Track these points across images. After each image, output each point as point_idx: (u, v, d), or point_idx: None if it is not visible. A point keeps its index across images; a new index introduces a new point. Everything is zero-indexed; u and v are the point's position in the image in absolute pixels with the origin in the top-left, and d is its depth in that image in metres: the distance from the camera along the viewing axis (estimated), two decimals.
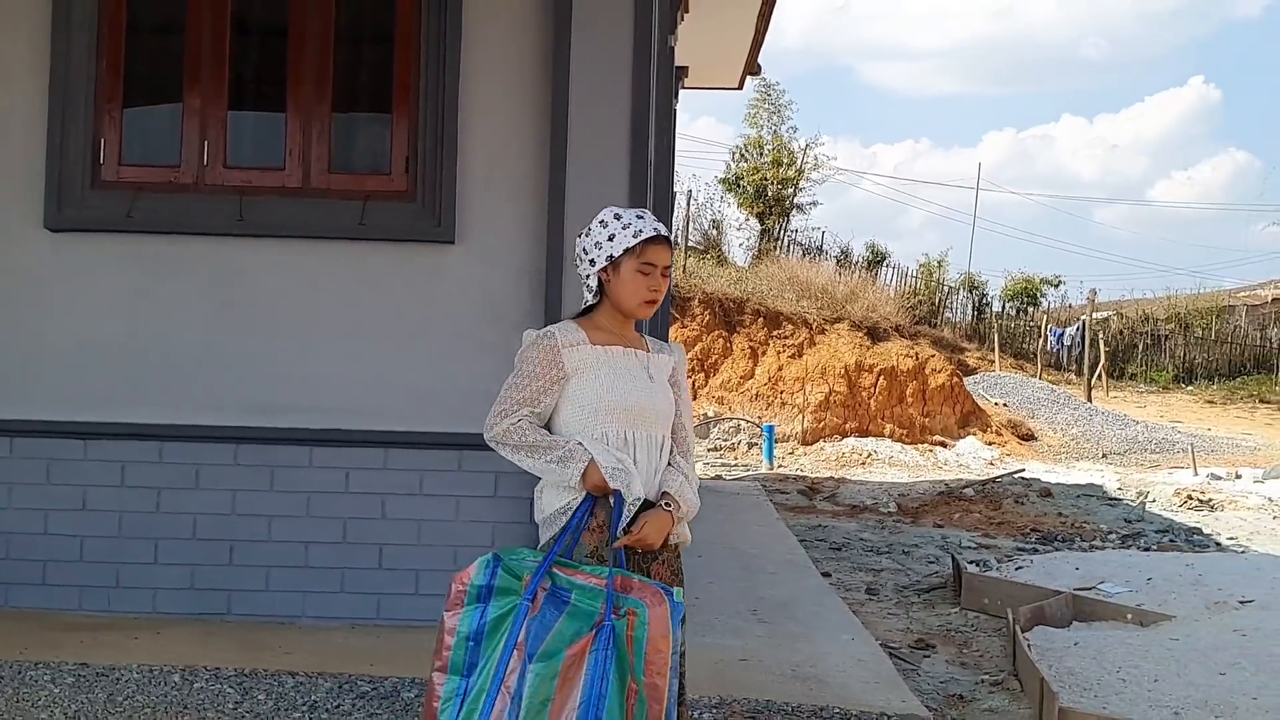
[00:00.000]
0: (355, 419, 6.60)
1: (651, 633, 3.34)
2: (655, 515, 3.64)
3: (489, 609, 3.49)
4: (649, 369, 3.80)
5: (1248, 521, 14.82)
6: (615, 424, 3.68)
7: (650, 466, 3.72)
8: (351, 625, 6.51)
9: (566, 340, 3.72)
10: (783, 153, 36.81)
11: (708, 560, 8.94)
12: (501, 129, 6.66)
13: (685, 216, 31.40)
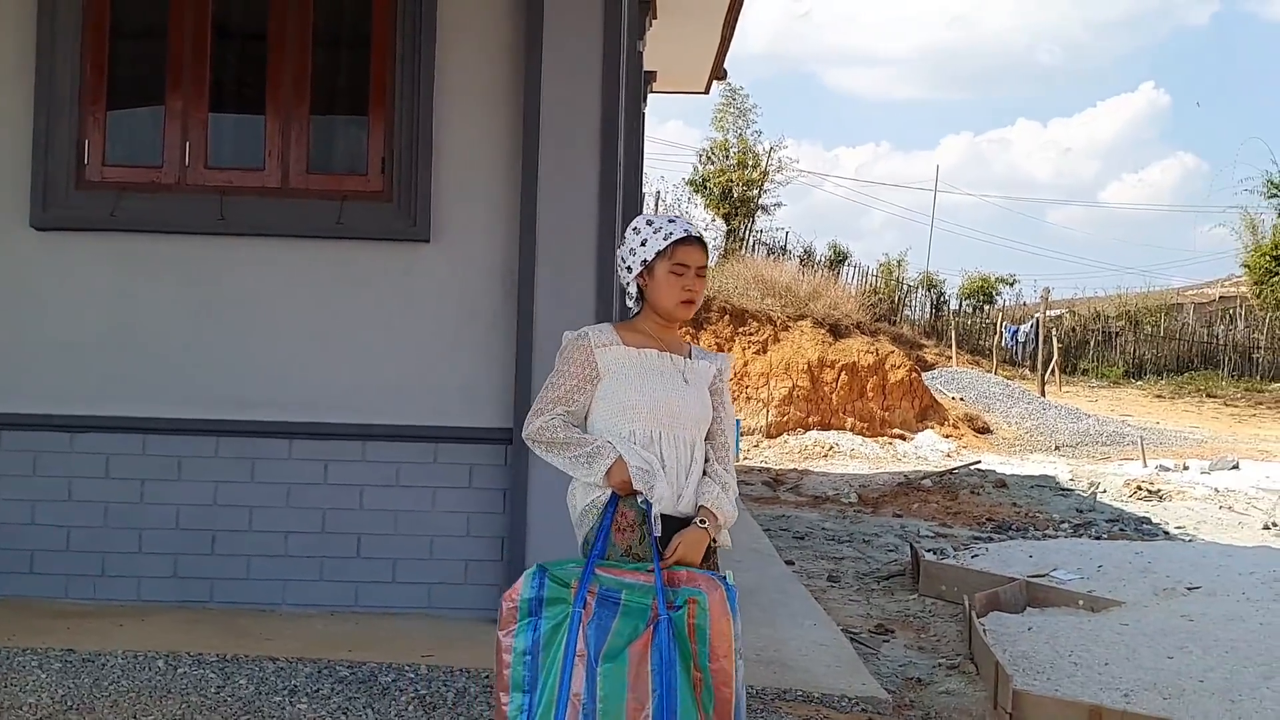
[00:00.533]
0: (333, 412, 6.61)
1: (713, 617, 3.32)
2: (691, 534, 3.55)
3: (541, 621, 3.42)
4: (684, 373, 3.71)
5: (1195, 511, 14.93)
6: (642, 422, 3.61)
7: (679, 467, 3.62)
8: (330, 612, 6.52)
9: (600, 340, 3.68)
10: (748, 155, 36.88)
11: None
12: (475, 131, 6.68)
13: None
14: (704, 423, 3.73)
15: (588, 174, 6.47)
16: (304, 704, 5.08)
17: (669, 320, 3.74)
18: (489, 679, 5.43)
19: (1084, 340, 39.16)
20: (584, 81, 6.50)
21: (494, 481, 6.58)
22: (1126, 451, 21.84)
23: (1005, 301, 41.71)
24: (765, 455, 20.38)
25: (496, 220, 6.62)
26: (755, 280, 27.46)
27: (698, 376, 3.75)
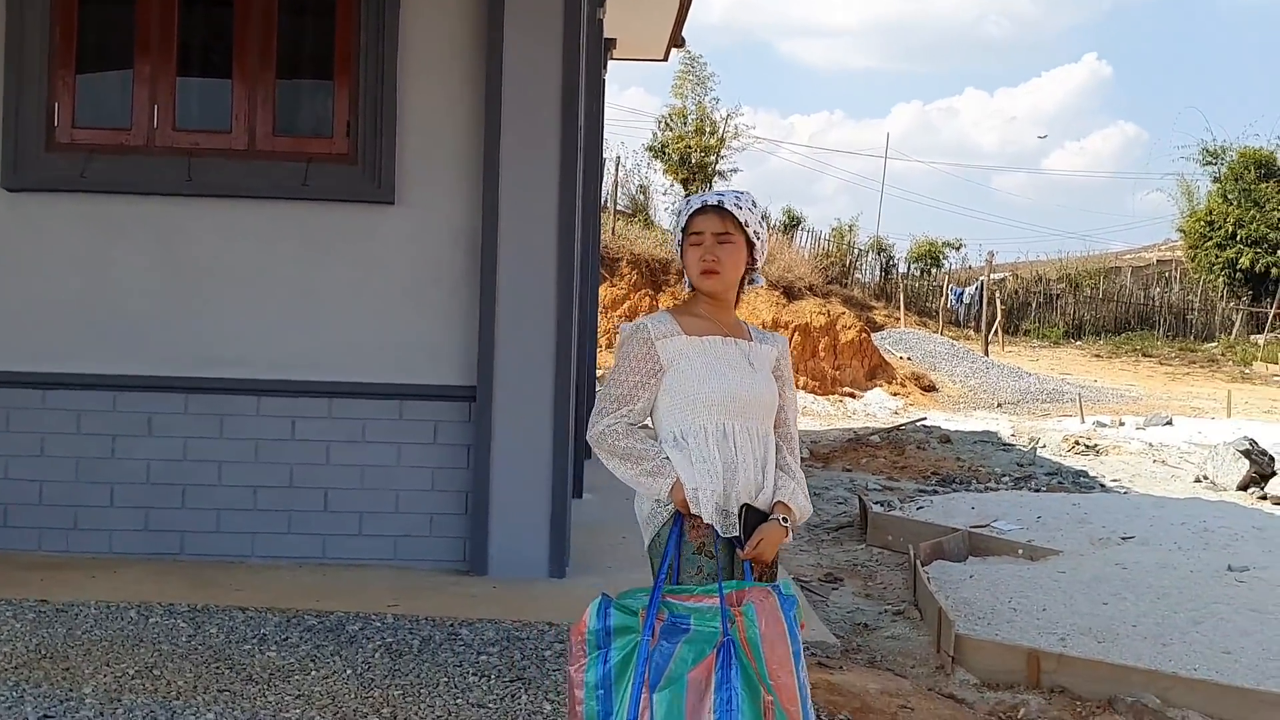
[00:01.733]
0: (300, 370, 6.55)
1: (764, 630, 3.05)
2: (770, 530, 3.28)
3: (611, 653, 3.16)
4: (750, 358, 3.41)
5: (1129, 465, 15.06)
6: (714, 416, 3.32)
7: (754, 460, 3.34)
8: (298, 564, 6.48)
9: (659, 332, 3.37)
10: (705, 122, 36.73)
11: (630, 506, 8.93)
12: (439, 96, 6.60)
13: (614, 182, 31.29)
14: (773, 410, 3.44)
15: (549, 138, 6.41)
16: (273, 652, 5.05)
17: (709, 296, 3.41)
18: (453, 627, 5.41)
19: (1026, 302, 39.38)
20: (545, 47, 6.43)
21: (458, 437, 6.55)
22: (1065, 408, 21.99)
23: (952, 265, 41.86)
24: None
25: (460, 182, 6.55)
26: None
27: (761, 361, 3.45)
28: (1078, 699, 5.80)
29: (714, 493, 3.25)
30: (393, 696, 4.58)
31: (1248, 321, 39.88)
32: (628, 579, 6.39)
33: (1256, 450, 13.52)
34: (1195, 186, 44.34)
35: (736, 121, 37.55)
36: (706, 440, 3.30)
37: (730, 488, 3.28)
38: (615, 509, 8.53)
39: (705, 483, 3.26)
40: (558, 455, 6.41)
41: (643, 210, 33.91)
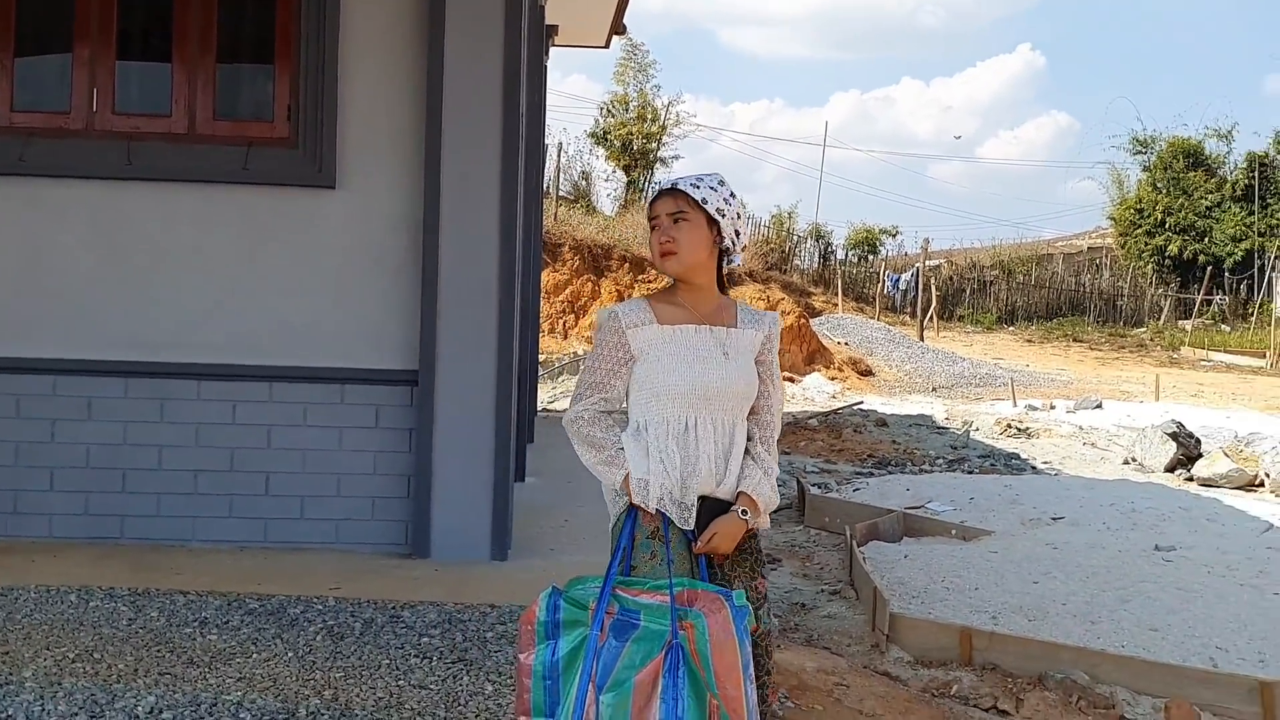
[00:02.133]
0: (241, 354, 6.47)
1: (714, 642, 2.96)
2: (727, 522, 3.22)
3: (559, 645, 3.10)
4: (726, 346, 3.29)
5: (1060, 447, 15.24)
6: (677, 409, 3.25)
7: (717, 451, 3.26)
8: (240, 547, 6.41)
9: (631, 320, 3.30)
10: (647, 109, 36.78)
11: (577, 485, 8.93)
12: (380, 81, 6.53)
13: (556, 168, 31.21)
14: (747, 400, 3.32)
15: (490, 125, 6.37)
16: (214, 635, 5.00)
17: (677, 279, 3.31)
18: (395, 609, 5.39)
19: (960, 288, 39.77)
20: (487, 34, 6.38)
21: (400, 421, 6.51)
22: (998, 392, 22.21)
23: (888, 252, 42.20)
24: None
25: (401, 168, 6.50)
26: None
27: (741, 348, 3.32)
28: (1009, 676, 5.88)
29: (663, 485, 3.21)
30: (334, 678, 4.55)
31: (1176, 307, 40.49)
32: (570, 561, 6.44)
33: (1183, 433, 13.72)
34: (1125, 175, 45.04)
35: (678, 109, 37.69)
36: (666, 433, 3.24)
37: (689, 480, 3.23)
38: (558, 492, 8.54)
39: (656, 476, 3.21)
40: (500, 439, 6.39)
41: (585, 196, 33.86)
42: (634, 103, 36.79)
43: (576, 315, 23.64)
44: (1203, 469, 12.69)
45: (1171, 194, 42.05)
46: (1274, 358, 29.98)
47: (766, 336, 3.37)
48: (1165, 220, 41.87)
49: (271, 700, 4.32)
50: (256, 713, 4.21)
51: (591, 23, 12.73)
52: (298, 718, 4.19)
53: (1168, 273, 41.85)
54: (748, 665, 3.01)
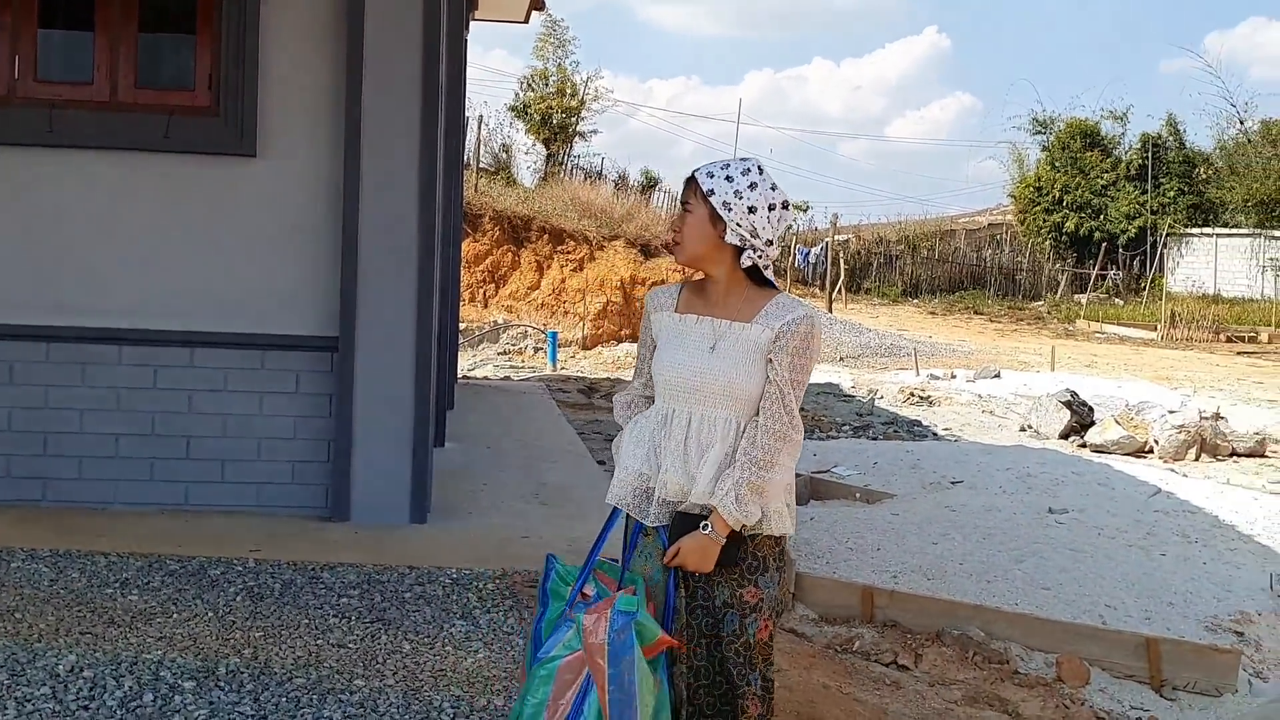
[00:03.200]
0: (162, 320, 6.36)
1: (587, 643, 2.90)
2: (691, 539, 2.98)
3: (546, 612, 3.10)
4: (719, 340, 3.06)
5: (960, 415, 15.46)
6: (662, 400, 3.12)
7: (686, 450, 3.04)
8: (161, 510, 6.32)
9: (656, 304, 3.21)
10: (567, 84, 36.61)
11: (496, 451, 8.93)
12: (301, 51, 6.42)
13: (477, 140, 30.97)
14: (739, 398, 3.03)
15: (410, 94, 6.29)
16: (135, 595, 4.93)
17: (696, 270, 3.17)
18: (315, 571, 5.35)
19: (868, 262, 40.12)
20: (407, 4, 6.30)
21: (320, 387, 6.44)
22: (902, 362, 22.45)
23: (799, 227, 42.39)
24: (581, 365, 20.44)
25: (322, 136, 6.40)
26: (573, 202, 27.40)
27: (737, 343, 3.04)
28: (908, 632, 5.97)
29: (624, 476, 3.10)
30: (254, 638, 4.52)
31: (1072, 282, 41.19)
32: (488, 523, 6.44)
33: (1077, 401, 13.97)
34: (1025, 154, 45.68)
35: (596, 84, 37.55)
36: (648, 423, 3.13)
37: (651, 473, 3.08)
38: (477, 456, 8.54)
39: (621, 467, 3.13)
40: (419, 404, 6.34)
41: (506, 168, 33.65)
42: (554, 78, 36.62)
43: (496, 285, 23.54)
44: (1095, 436, 12.94)
45: (1069, 173, 42.69)
46: (1165, 330, 30.61)
47: (781, 331, 3.02)
48: (1063, 198, 42.52)
49: (191, 659, 4.28)
50: (176, 671, 4.17)
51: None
52: (217, 676, 4.15)
53: (1065, 248, 42.53)
54: (616, 676, 2.86)
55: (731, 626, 3.07)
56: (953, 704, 5.27)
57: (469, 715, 3.97)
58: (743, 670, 3.07)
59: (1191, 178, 42.63)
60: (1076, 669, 5.76)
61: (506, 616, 4.93)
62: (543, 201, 27.25)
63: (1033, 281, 41.49)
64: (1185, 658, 5.84)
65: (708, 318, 3.09)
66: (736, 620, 3.06)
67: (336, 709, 3.95)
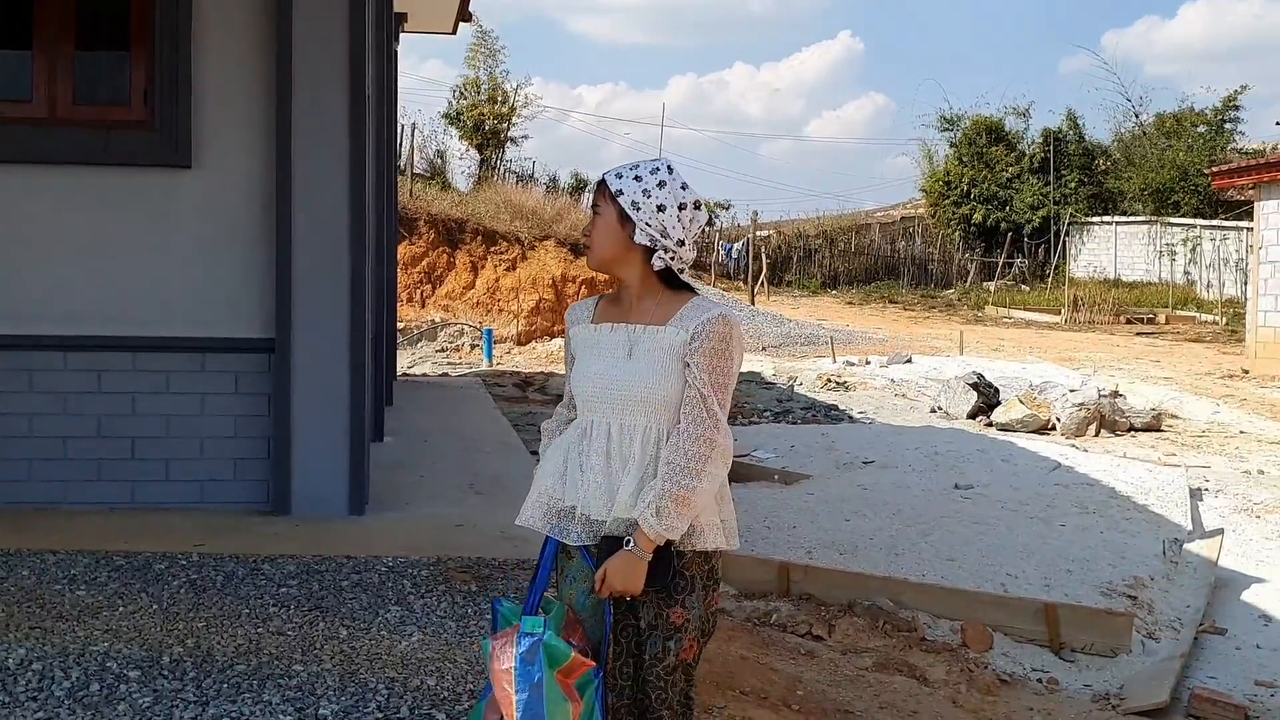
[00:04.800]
0: (104, 326, 6.33)
1: (494, 671, 2.73)
2: (616, 561, 2.73)
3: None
4: (634, 345, 2.83)
5: (874, 399, 15.61)
6: (581, 412, 2.90)
7: (615, 462, 2.81)
8: (109, 509, 6.29)
9: (573, 319, 3.00)
10: (498, 92, 36.48)
11: (433, 444, 8.95)
12: (232, 65, 6.40)
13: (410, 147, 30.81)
14: (658, 404, 2.79)
15: (338, 103, 6.29)
16: (82, 590, 4.91)
17: (611, 276, 2.94)
18: (256, 563, 5.36)
19: (788, 256, 40.40)
20: (332, 17, 6.27)
21: (259, 387, 6.43)
22: (820, 350, 22.64)
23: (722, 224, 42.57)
24: (516, 361, 20.43)
25: (254, 146, 6.39)
26: (505, 204, 27.34)
27: (653, 347, 2.81)
28: (822, 604, 6.07)
29: (535, 500, 2.90)
30: (196, 628, 4.52)
31: (981, 270, 41.74)
32: (424, 513, 6.47)
33: (983, 383, 14.18)
34: (935, 150, 46.16)
35: (526, 91, 37.46)
36: (565, 438, 2.91)
37: (563, 488, 2.86)
38: (414, 450, 8.55)
39: (535, 483, 2.93)
40: (355, 401, 6.35)
41: (441, 173, 33.50)
42: (485, 86, 36.49)
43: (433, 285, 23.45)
44: (1001, 415, 13.14)
45: (976, 167, 43.21)
46: (1069, 314, 31.11)
47: (696, 333, 2.78)
48: (970, 191, 43.04)
49: (137, 649, 4.28)
50: (122, 661, 4.17)
51: (439, 10, 12.62)
52: (161, 665, 4.16)
53: (973, 239, 43.07)
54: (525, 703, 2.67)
55: (654, 649, 2.84)
56: (864, 670, 5.37)
57: (403, 695, 4.00)
58: (662, 693, 2.85)
59: (1091, 169, 43.33)
60: (980, 635, 5.88)
61: (440, 601, 4.96)
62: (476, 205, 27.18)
63: (944, 271, 42.01)
64: (1082, 621, 5.98)
65: (622, 325, 2.87)
66: (659, 643, 2.83)
67: (275, 693, 3.98)
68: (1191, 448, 12.22)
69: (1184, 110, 43.17)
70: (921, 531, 7.25)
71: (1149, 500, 8.72)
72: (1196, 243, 36.35)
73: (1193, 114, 42.46)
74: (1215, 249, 35.26)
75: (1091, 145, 44.23)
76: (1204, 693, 5.29)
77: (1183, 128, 42.14)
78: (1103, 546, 7.36)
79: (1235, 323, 27.29)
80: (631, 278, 2.88)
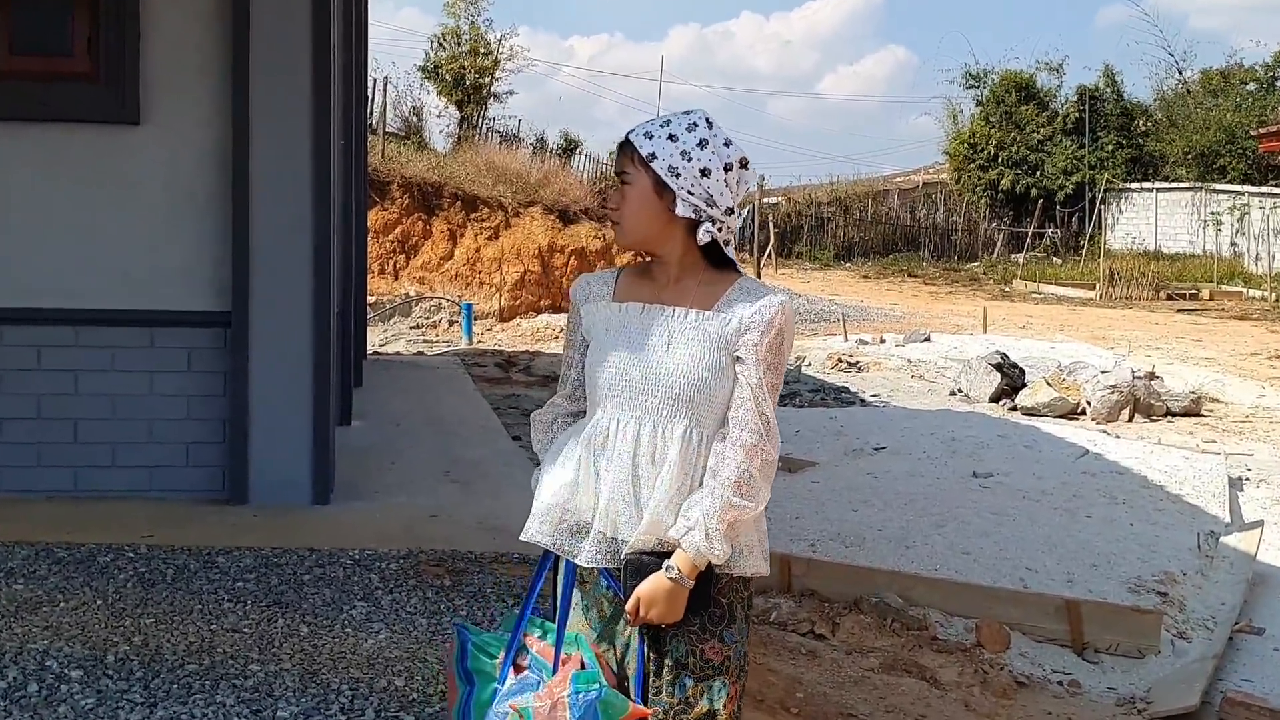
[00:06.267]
0: (44, 297, 6.34)
1: None
2: (653, 587, 2.50)
3: (473, 694, 2.63)
4: (672, 332, 2.58)
5: (889, 380, 15.68)
6: (602, 411, 2.62)
7: (644, 471, 2.56)
8: (49, 497, 6.32)
9: (586, 294, 2.71)
10: (480, 43, 36.36)
11: (406, 428, 8.99)
12: (185, 13, 6.40)
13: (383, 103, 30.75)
14: (701, 404, 2.55)
15: (300, 54, 6.30)
16: (20, 584, 4.96)
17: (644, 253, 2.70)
18: (210, 555, 5.40)
19: (799, 225, 40.39)
20: None
21: (214, 365, 6.45)
22: (831, 328, 22.65)
23: None
24: (499, 338, 20.46)
25: (209, 102, 6.39)
26: (488, 167, 27.27)
27: (697, 336, 2.57)
28: (826, 600, 6.12)
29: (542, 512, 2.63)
30: (144, 625, 4.56)
31: (1009, 241, 41.75)
32: (395, 502, 6.51)
33: (1008, 364, 14.24)
34: (960, 110, 46.04)
35: (511, 43, 37.30)
36: (579, 439, 2.63)
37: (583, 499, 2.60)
38: (385, 435, 8.59)
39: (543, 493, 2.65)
40: (319, 381, 6.38)
41: (417, 132, 33.42)
42: (466, 36, 36.35)
43: (407, 255, 23.43)
44: (1026, 399, 13.20)
45: (1004, 128, 43.16)
46: (1104, 289, 31.16)
47: (742, 327, 2.55)
48: (998, 155, 42.99)
49: (79, 648, 4.32)
50: (64, 660, 4.21)
51: None
52: (105, 664, 4.20)
53: (1001, 207, 43.05)
54: None
55: (682, 692, 2.57)
56: (869, 672, 5.43)
57: (368, 697, 4.05)
58: None
59: (1130, 130, 43.27)
60: (996, 633, 5.94)
61: (409, 597, 5.01)
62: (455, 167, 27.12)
63: (968, 242, 42.02)
64: (1106, 619, 6.03)
65: (656, 306, 2.61)
66: (690, 684, 2.57)
67: (230, 694, 4.02)
68: (1233, 434, 12.29)
69: (1232, 66, 43.19)
70: (935, 523, 7.31)
71: (1184, 490, 8.78)
72: (1244, 211, 36.36)
73: (1241, 70, 42.46)
74: (1265, 218, 35.27)
75: (1131, 105, 44.16)
76: (1237, 696, 5.34)
77: (1230, 85, 42.14)
78: (1131, 539, 7.42)
79: None
80: (671, 255, 2.63)
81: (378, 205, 22.58)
